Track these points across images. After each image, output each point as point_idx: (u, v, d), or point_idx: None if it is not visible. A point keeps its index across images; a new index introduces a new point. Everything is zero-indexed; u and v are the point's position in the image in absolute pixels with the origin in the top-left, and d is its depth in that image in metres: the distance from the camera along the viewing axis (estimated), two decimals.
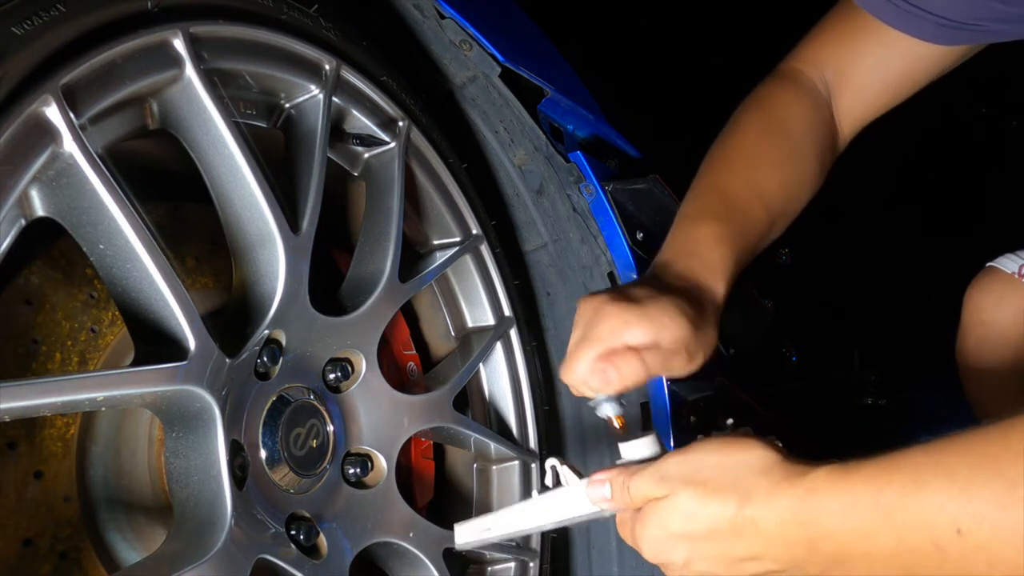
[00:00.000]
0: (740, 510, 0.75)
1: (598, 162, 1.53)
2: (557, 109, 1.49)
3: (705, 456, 0.79)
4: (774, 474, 0.75)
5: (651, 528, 0.80)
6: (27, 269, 0.98)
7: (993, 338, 1.36)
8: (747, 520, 0.75)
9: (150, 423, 1.03)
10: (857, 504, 0.71)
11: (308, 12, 1.09)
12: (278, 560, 0.95)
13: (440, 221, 1.33)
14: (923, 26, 1.08)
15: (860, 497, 0.71)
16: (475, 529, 0.93)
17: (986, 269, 1.41)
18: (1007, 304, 1.35)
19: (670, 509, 0.79)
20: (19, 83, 0.75)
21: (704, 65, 3.30)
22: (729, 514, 0.76)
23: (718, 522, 0.76)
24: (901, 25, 1.10)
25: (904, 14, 1.08)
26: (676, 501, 0.78)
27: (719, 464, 0.78)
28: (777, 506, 0.74)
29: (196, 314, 0.86)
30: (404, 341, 1.38)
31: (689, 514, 0.77)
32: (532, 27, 1.63)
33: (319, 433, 1.08)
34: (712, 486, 0.77)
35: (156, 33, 0.87)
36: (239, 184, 0.95)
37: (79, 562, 0.98)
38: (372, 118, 1.18)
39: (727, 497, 0.76)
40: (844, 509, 0.72)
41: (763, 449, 0.77)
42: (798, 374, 3.50)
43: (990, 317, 1.37)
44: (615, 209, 1.48)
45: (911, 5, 1.07)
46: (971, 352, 1.40)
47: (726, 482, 0.77)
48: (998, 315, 1.36)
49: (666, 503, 0.79)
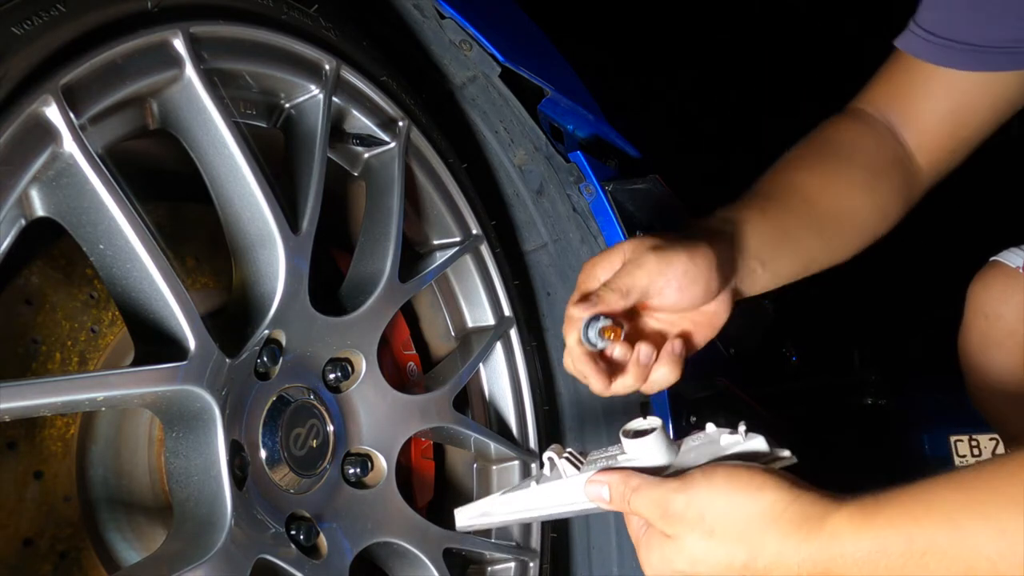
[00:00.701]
0: (751, 562, 0.73)
1: (598, 162, 1.53)
2: (557, 109, 1.49)
3: (712, 498, 0.75)
4: (786, 522, 0.72)
5: (655, 558, 0.79)
6: (27, 269, 0.98)
7: (996, 333, 1.35)
8: (758, 573, 0.73)
9: (150, 423, 1.03)
10: (887, 551, 0.67)
11: (308, 12, 1.09)
12: (278, 560, 0.94)
13: (440, 221, 1.33)
14: (955, 55, 1.09)
15: (889, 543, 0.67)
16: (475, 513, 0.93)
17: (990, 263, 1.41)
18: (1011, 299, 1.34)
19: (675, 549, 0.77)
20: (19, 83, 0.74)
21: (704, 64, 3.30)
22: (738, 565, 0.73)
23: (726, 571, 0.74)
24: (936, 58, 1.11)
25: (935, 47, 1.09)
26: (682, 544, 0.76)
27: (727, 512, 0.74)
28: (793, 559, 0.71)
29: (196, 314, 0.86)
30: (404, 341, 1.38)
31: (696, 559, 0.75)
32: (532, 27, 1.63)
33: (319, 433, 1.08)
34: (720, 536, 0.74)
35: (156, 33, 0.87)
36: (239, 184, 0.95)
37: (79, 562, 0.98)
38: (372, 118, 1.19)
39: (735, 550, 0.73)
40: (872, 557, 0.68)
41: (774, 492, 0.73)
42: (798, 374, 3.51)
43: (993, 312, 1.36)
44: (615, 209, 1.48)
45: (939, 37, 1.08)
46: (974, 348, 1.39)
47: (735, 533, 0.74)
48: (1002, 310, 1.35)
49: (672, 543, 0.77)
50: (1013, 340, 1.33)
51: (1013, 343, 1.33)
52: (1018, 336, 1.33)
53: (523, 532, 1.36)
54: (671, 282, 0.92)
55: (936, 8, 1.10)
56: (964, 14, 1.08)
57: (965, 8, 1.08)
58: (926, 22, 1.10)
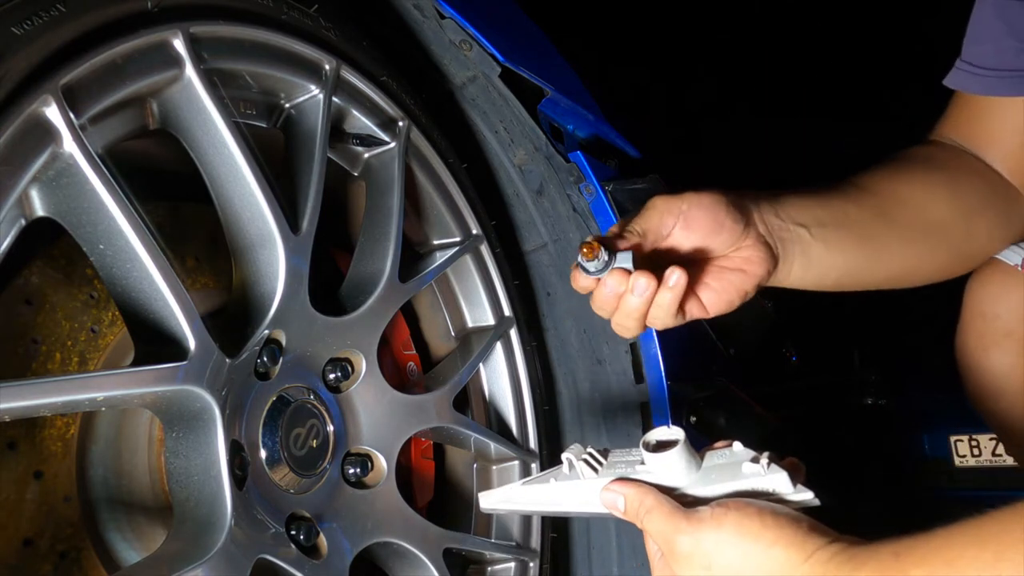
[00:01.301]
0: None
1: (598, 162, 1.53)
2: (557, 109, 1.49)
3: (719, 546, 0.74)
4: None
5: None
6: (27, 269, 0.98)
7: (994, 332, 1.34)
8: None
9: (150, 423, 1.03)
10: None
11: (308, 12, 1.09)
12: (278, 560, 0.94)
13: (440, 221, 1.33)
14: (1007, 84, 1.12)
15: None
16: (498, 498, 0.94)
17: (988, 261, 1.40)
18: (1009, 297, 1.33)
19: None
20: (19, 83, 0.75)
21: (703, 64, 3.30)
22: None
23: None
24: (990, 90, 1.14)
25: (988, 80, 1.13)
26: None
27: (734, 563, 0.73)
28: None
29: (196, 314, 0.86)
30: (404, 341, 1.38)
31: None
32: (532, 27, 1.63)
33: (319, 433, 1.08)
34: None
35: (156, 33, 0.87)
36: (239, 184, 0.95)
37: (79, 562, 0.98)
38: (372, 118, 1.19)
39: None
40: None
41: (785, 550, 0.71)
42: (798, 374, 3.50)
43: (991, 310, 1.35)
44: (615, 209, 1.48)
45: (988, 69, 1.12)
46: (971, 347, 1.38)
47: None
48: (1000, 308, 1.34)
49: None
50: (1011, 340, 1.32)
51: (1011, 343, 1.32)
52: (1016, 336, 1.32)
53: (523, 532, 1.37)
54: (679, 218, 0.97)
55: (980, 41, 1.13)
56: (1008, 43, 1.11)
57: (1006, 37, 1.10)
58: (973, 57, 1.14)
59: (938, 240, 1.16)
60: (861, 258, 1.10)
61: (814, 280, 1.09)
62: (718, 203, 0.98)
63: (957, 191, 1.17)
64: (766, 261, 1.01)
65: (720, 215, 0.97)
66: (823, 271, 1.08)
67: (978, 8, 1.15)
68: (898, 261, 1.14)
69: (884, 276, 1.15)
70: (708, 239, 0.98)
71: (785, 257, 1.04)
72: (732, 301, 1.01)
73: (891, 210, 1.12)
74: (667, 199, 0.98)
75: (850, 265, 1.09)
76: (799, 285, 1.09)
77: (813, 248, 1.06)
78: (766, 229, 1.02)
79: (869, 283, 1.15)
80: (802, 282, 1.08)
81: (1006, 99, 1.14)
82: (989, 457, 3.49)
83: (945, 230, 1.17)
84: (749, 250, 1.00)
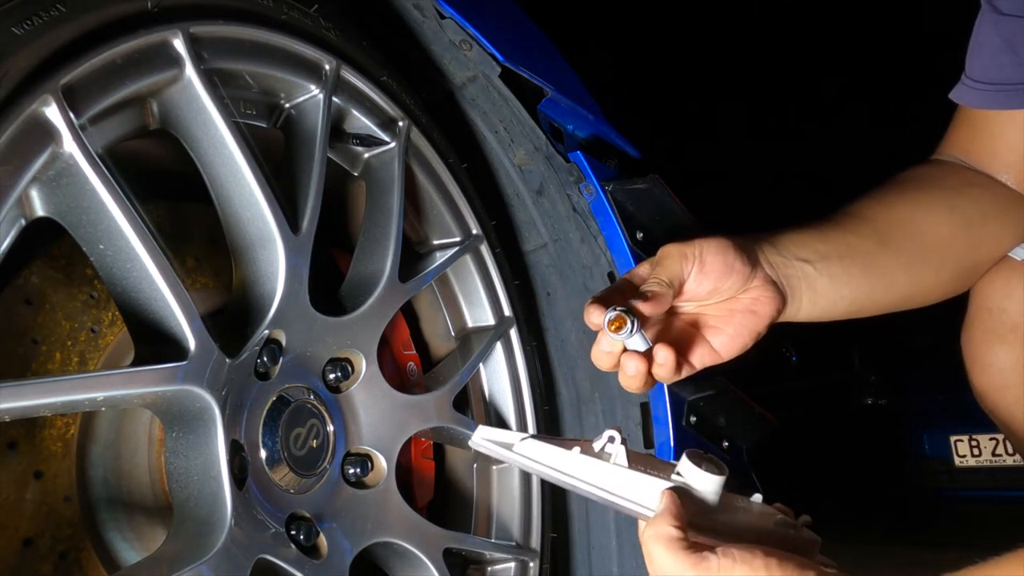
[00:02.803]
0: None
1: (598, 162, 1.53)
2: (557, 109, 1.49)
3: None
4: None
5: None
6: (27, 269, 0.98)
7: (1000, 327, 1.34)
8: None
9: (150, 423, 1.03)
10: None
11: (308, 12, 1.09)
12: (278, 560, 0.95)
13: (440, 221, 1.33)
14: (1007, 97, 1.13)
15: None
16: (495, 437, 0.89)
17: None
18: (1015, 292, 1.32)
19: None
20: (19, 83, 0.75)
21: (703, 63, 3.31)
22: None
23: None
24: (992, 104, 1.15)
25: (989, 94, 1.14)
26: None
27: None
28: None
29: (196, 314, 0.86)
30: (404, 341, 1.38)
31: None
32: (532, 27, 1.63)
33: (319, 433, 1.08)
34: None
35: (156, 33, 0.87)
36: (239, 184, 0.95)
37: (79, 562, 0.98)
38: (372, 118, 1.19)
39: None
40: None
41: None
42: (798, 374, 3.51)
43: (997, 305, 1.34)
44: (615, 209, 1.48)
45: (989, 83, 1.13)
46: (977, 341, 1.37)
47: None
48: (1006, 303, 1.33)
49: None
50: (1016, 334, 1.32)
51: (1016, 337, 1.32)
52: (1021, 330, 1.31)
53: (523, 532, 1.36)
54: (694, 263, 0.98)
55: (979, 56, 1.15)
56: (1005, 57, 1.12)
57: (1004, 51, 1.12)
58: (974, 71, 1.15)
59: (942, 257, 1.17)
60: (867, 286, 1.11)
61: (823, 312, 1.10)
62: (727, 246, 0.99)
63: (955, 206, 1.17)
64: (775, 300, 1.02)
65: (730, 257, 0.99)
66: (831, 303, 1.09)
67: (978, 23, 1.17)
68: (905, 284, 1.15)
69: (893, 300, 1.16)
70: (719, 281, 0.99)
71: (792, 294, 1.05)
72: (745, 344, 1.03)
73: (890, 235, 1.13)
74: (679, 246, 0.98)
75: (856, 294, 1.11)
76: (809, 319, 1.10)
77: (818, 282, 1.07)
78: (771, 268, 1.04)
79: (880, 308, 1.17)
80: (811, 316, 1.10)
81: (1005, 113, 1.15)
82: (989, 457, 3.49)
83: (947, 246, 1.17)
84: (757, 291, 1.02)
